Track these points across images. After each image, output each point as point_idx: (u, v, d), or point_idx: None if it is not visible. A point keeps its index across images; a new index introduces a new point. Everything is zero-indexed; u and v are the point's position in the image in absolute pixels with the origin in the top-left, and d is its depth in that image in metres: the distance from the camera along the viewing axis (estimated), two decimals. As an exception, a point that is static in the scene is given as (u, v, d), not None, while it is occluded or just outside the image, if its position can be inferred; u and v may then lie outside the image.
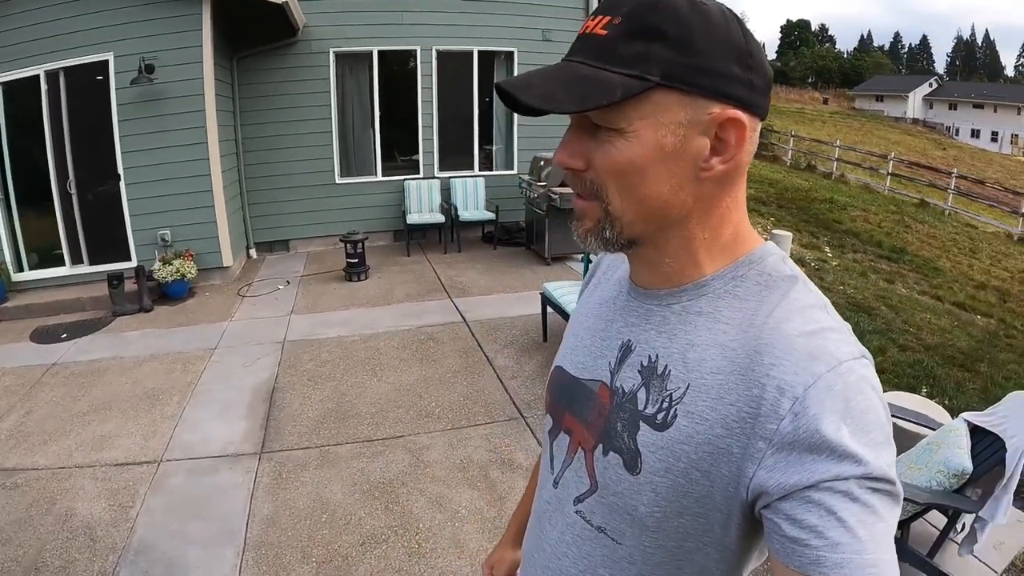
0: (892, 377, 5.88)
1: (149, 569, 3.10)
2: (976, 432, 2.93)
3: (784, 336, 0.77)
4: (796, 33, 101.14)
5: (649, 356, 0.88)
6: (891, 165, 22.48)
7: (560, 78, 0.77)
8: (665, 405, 0.83)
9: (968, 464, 2.71)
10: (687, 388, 0.82)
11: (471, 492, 3.75)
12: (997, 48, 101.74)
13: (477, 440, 4.29)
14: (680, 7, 0.75)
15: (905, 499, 2.64)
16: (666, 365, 0.85)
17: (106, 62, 7.12)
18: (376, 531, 3.40)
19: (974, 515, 2.79)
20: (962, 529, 2.98)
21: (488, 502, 3.66)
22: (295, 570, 3.11)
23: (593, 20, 0.79)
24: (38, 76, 7.07)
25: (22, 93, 7.16)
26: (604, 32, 0.77)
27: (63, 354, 5.78)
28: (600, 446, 0.91)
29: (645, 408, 0.85)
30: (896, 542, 2.86)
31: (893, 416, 3.26)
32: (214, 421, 4.56)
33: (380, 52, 9.51)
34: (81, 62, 7.12)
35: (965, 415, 3.05)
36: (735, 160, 0.79)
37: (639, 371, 0.88)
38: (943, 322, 8.31)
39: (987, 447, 2.83)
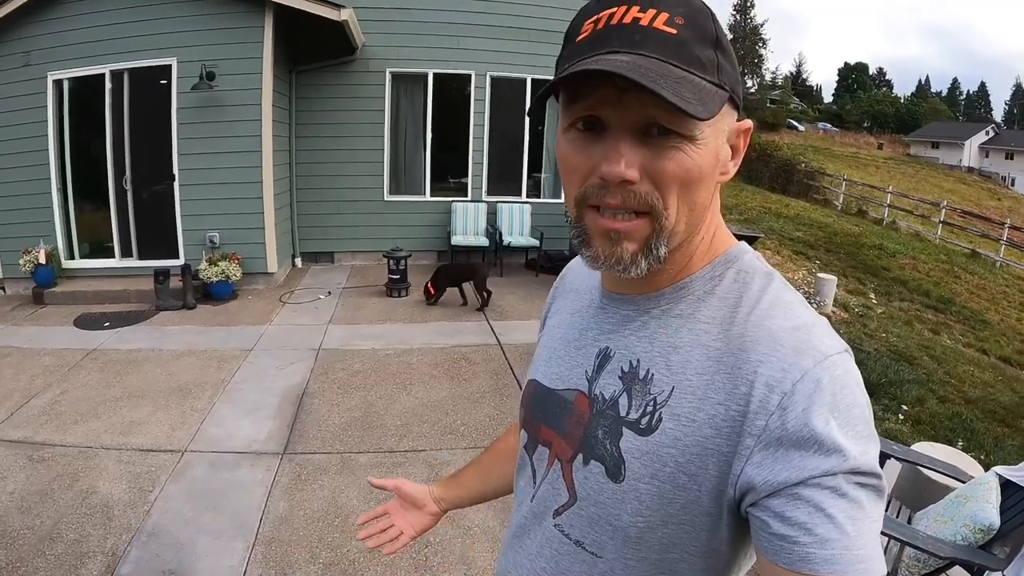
0: (928, 428, 5.71)
1: (160, 552, 3.13)
2: (1008, 487, 2.81)
3: (769, 332, 0.76)
4: (853, 76, 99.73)
5: (630, 361, 0.86)
6: (943, 213, 21.94)
7: (668, 76, 0.70)
8: (649, 409, 0.82)
9: (996, 519, 2.61)
10: (672, 391, 0.80)
11: (486, 511, 3.71)
12: None
13: (498, 460, 4.26)
14: (717, 15, 0.77)
15: (928, 553, 2.56)
16: (648, 369, 0.84)
17: (169, 67, 7.40)
18: (386, 539, 3.38)
19: (1000, 574, 2.68)
20: None
21: (501, 522, 3.62)
22: (301, 569, 3.11)
23: (638, 10, 0.73)
24: (104, 75, 7.37)
25: (87, 89, 7.48)
26: (672, 30, 0.72)
27: (104, 341, 5.93)
28: (580, 456, 0.89)
29: (628, 414, 0.84)
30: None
31: (922, 466, 3.17)
32: (242, 419, 4.62)
33: (435, 75, 9.64)
34: (146, 64, 7.42)
35: (997, 468, 2.93)
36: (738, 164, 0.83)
37: (620, 377, 0.87)
38: (987, 376, 8.07)
39: (1018, 503, 2.72)
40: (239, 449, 4.21)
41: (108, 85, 7.40)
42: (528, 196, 10.39)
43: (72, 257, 7.76)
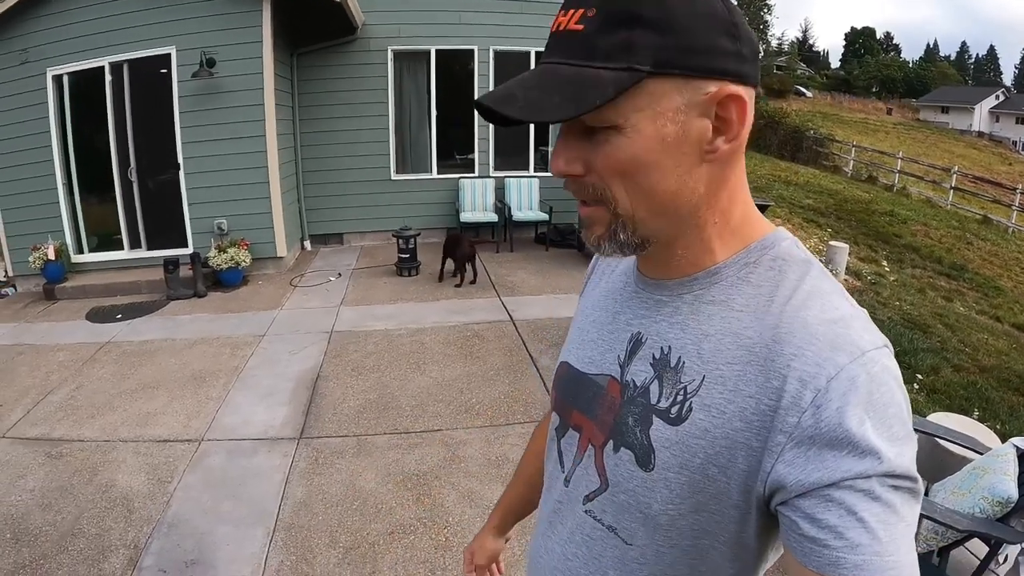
0: (943, 398, 5.67)
1: (180, 542, 3.15)
2: (1023, 459, 2.79)
3: (804, 324, 0.73)
4: (860, 41, 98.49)
5: (661, 348, 0.84)
6: (954, 179, 21.66)
7: (543, 84, 0.73)
8: (679, 398, 0.80)
9: (1014, 492, 2.57)
10: (702, 380, 0.78)
11: (501, 488, 3.71)
12: None
13: (514, 439, 4.26)
14: None
15: (945, 525, 2.53)
16: (679, 357, 0.81)
17: (169, 55, 7.35)
18: (405, 522, 3.39)
19: (1019, 547, 2.65)
20: (1004, 561, 2.83)
21: (519, 499, 3.62)
22: (322, 554, 3.11)
23: (564, 15, 0.74)
24: (103, 67, 7.33)
25: (87, 83, 7.45)
26: (579, 27, 0.72)
27: (116, 333, 5.94)
28: (611, 442, 0.88)
29: (658, 402, 0.82)
30: (934, 569, 2.75)
31: (939, 437, 3.13)
32: (257, 405, 4.62)
33: (438, 51, 9.57)
34: (145, 55, 7.37)
35: (1015, 440, 2.89)
36: (740, 138, 0.75)
37: (651, 364, 0.85)
38: (1001, 344, 8.00)
39: None
40: (255, 436, 4.21)
41: (108, 77, 7.36)
42: (536, 170, 10.33)
43: (81, 251, 7.77)
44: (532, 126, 9.98)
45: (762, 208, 10.99)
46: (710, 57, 0.71)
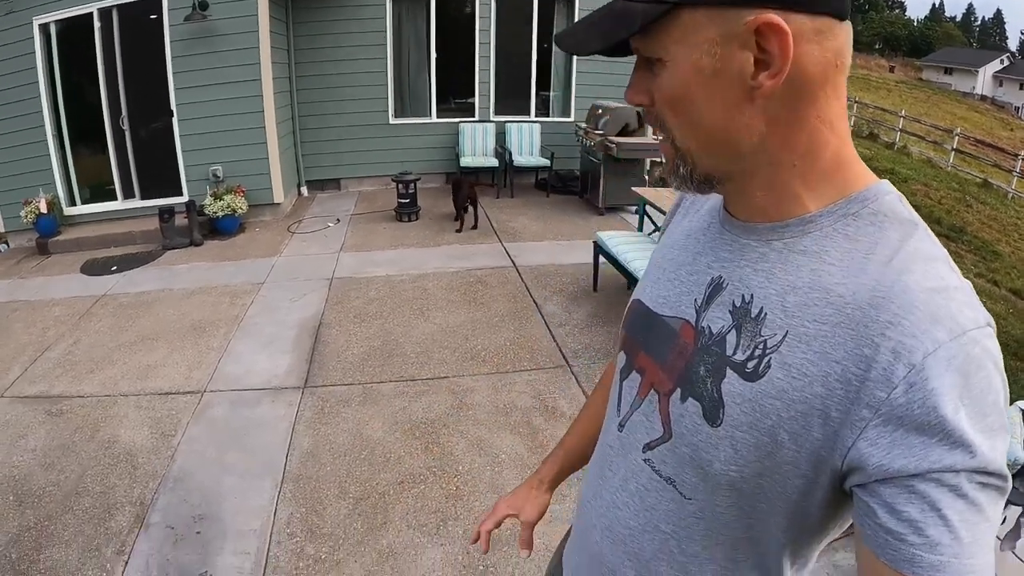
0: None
1: (187, 497, 3.09)
2: None
3: (904, 290, 0.66)
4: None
5: (743, 295, 0.79)
6: (956, 141, 21.63)
7: (594, 19, 0.74)
8: (758, 353, 0.74)
9: (1020, 454, 2.53)
10: (785, 336, 0.72)
11: (512, 437, 3.67)
12: None
13: (521, 386, 4.20)
14: None
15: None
16: (762, 307, 0.76)
17: None
18: (415, 471, 3.34)
19: (1020, 508, 2.61)
20: (1003, 522, 2.79)
21: (529, 448, 3.57)
22: (332, 505, 3.07)
23: None
24: (91, 14, 7.06)
25: (75, 31, 7.17)
26: None
27: (112, 286, 5.83)
28: (678, 390, 0.83)
29: (734, 354, 0.77)
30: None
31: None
32: (259, 354, 4.55)
33: (438, -9, 9.30)
34: None
35: (1021, 403, 2.85)
36: (784, 72, 0.67)
37: (730, 311, 0.79)
38: (998, 308, 8.01)
39: None
40: (259, 385, 4.15)
41: (97, 24, 7.09)
42: (537, 115, 10.17)
43: (74, 203, 7.59)
44: (533, 71, 9.95)
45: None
46: None
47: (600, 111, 8.39)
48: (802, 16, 0.66)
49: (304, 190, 9.35)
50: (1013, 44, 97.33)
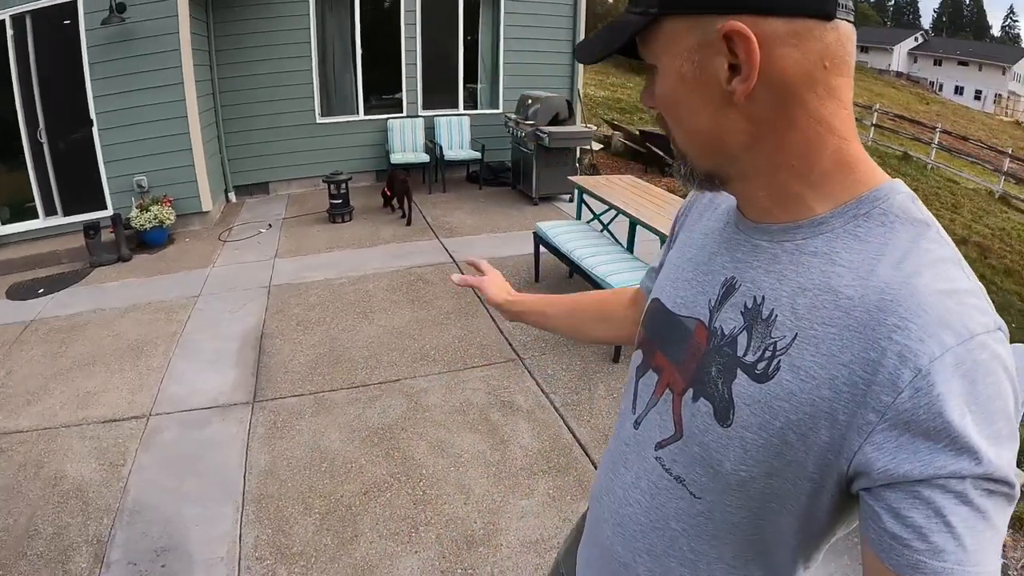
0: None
1: (146, 530, 2.98)
2: None
3: (913, 292, 0.66)
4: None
5: (754, 297, 0.80)
6: (875, 116, 22.35)
7: (604, 30, 0.80)
8: (768, 354, 0.75)
9: None
10: (794, 338, 0.73)
11: (472, 436, 3.66)
12: (984, 7, 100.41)
13: (475, 382, 4.20)
14: None
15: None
16: (772, 309, 0.77)
17: (75, 3, 6.70)
18: (378, 479, 3.31)
19: None
20: None
21: (491, 446, 3.58)
22: (298, 523, 3.01)
23: None
24: (3, 21, 6.67)
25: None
26: None
27: (41, 309, 5.57)
28: (690, 390, 0.85)
29: (745, 355, 0.78)
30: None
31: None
32: (202, 371, 4.42)
33: (362, -16, 9.14)
34: (48, 4, 6.69)
35: None
36: (753, 77, 0.69)
37: (742, 312, 0.81)
38: None
39: None
40: (206, 404, 4.03)
41: (9, 32, 6.67)
42: (465, 108, 10.12)
43: (-8, 224, 7.23)
44: (460, 64, 9.94)
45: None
46: None
47: (530, 101, 8.40)
48: (775, 20, 0.67)
49: (232, 196, 9.07)
50: (927, 22, 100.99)
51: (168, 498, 3.20)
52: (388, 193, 8.03)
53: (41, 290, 6.00)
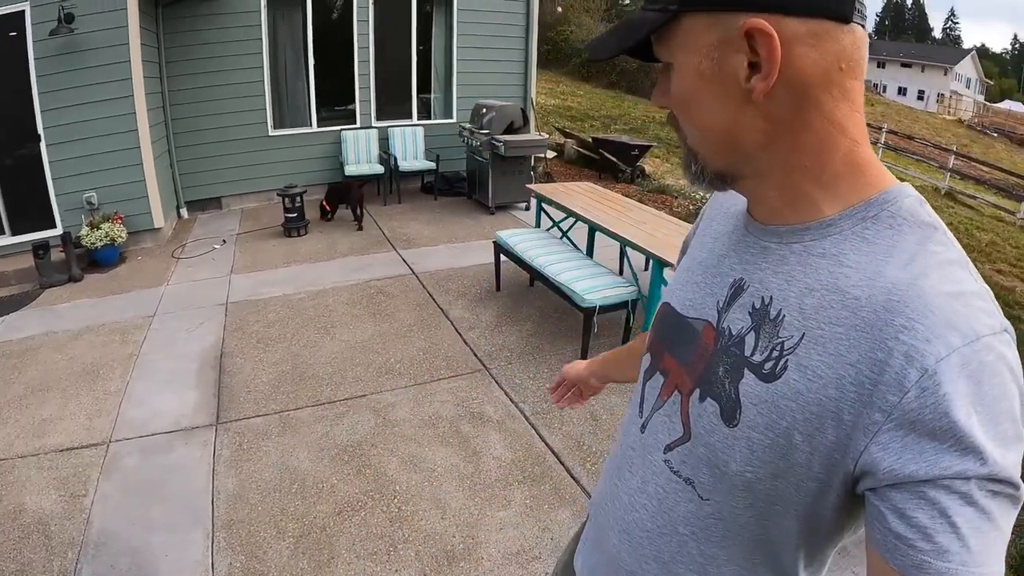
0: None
1: (113, 562, 2.88)
2: None
3: (920, 294, 0.66)
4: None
5: (762, 297, 0.80)
6: None
7: (618, 27, 0.80)
8: (775, 354, 0.76)
9: None
10: (802, 338, 0.74)
11: (444, 449, 3.64)
12: (926, 10, 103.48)
13: (443, 395, 4.17)
14: None
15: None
16: (780, 309, 0.77)
17: (22, 13, 6.49)
18: (352, 498, 3.26)
19: None
20: None
21: (463, 458, 3.55)
22: (272, 547, 2.95)
23: None
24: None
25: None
26: None
27: (-10, 334, 5.40)
28: (697, 390, 0.86)
29: (752, 355, 0.79)
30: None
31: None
32: (162, 393, 4.31)
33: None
34: None
35: None
36: (773, 75, 0.69)
37: (749, 313, 0.82)
38: None
39: None
40: (168, 428, 3.93)
41: (-45, 43, 6.51)
42: (419, 119, 10.09)
43: (-66, 247, 6.96)
44: (414, 74, 9.91)
45: (644, 149, 11.25)
46: None
47: (484, 110, 8.40)
48: (795, 20, 0.68)
49: (184, 212, 8.86)
50: (870, 26, 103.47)
51: (134, 527, 3.10)
52: (327, 207, 8.22)
53: (-12, 314, 5.81)
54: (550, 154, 9.91)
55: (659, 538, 0.92)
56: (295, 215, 7.68)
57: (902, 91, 55.68)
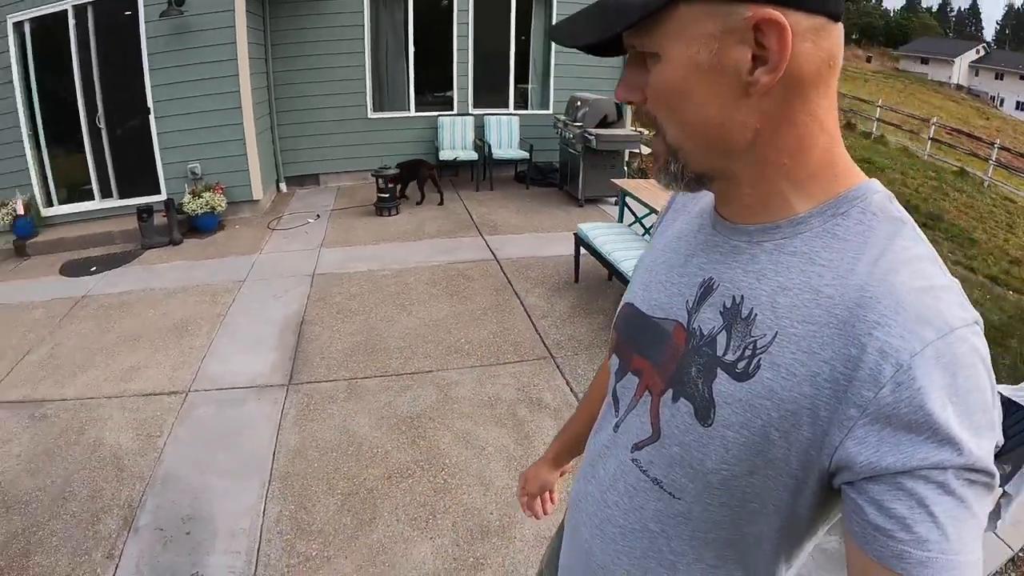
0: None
1: (176, 499, 3.09)
2: (1009, 406, 2.76)
3: (891, 290, 0.67)
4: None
5: (733, 297, 0.79)
6: (933, 130, 21.79)
7: (590, 12, 0.75)
8: (748, 353, 0.75)
9: (1000, 437, 2.57)
10: (774, 336, 0.73)
11: (498, 430, 3.69)
12: None
13: (506, 378, 4.23)
14: None
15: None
16: (752, 308, 0.77)
17: None
18: (402, 465, 3.36)
19: (1000, 490, 2.65)
20: None
21: (515, 440, 3.60)
22: (320, 501, 3.08)
23: None
24: (66, 11, 6.94)
25: (51, 29, 7.03)
26: None
27: (92, 287, 5.79)
28: (670, 391, 0.85)
29: (725, 354, 0.78)
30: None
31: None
32: (242, 353, 4.55)
33: (416, -16, 9.25)
34: None
35: (998, 387, 2.87)
36: (781, 69, 0.67)
37: (721, 312, 0.80)
38: (975, 294, 8.07)
39: (1019, 422, 2.67)
40: (243, 384, 4.15)
41: (72, 21, 6.97)
42: (516, 108, 10.13)
43: (51, 204, 7.46)
44: (512, 64, 9.90)
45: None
46: None
47: (579, 103, 8.39)
48: (799, 14, 0.66)
49: (283, 186, 9.27)
50: (989, 34, 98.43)
51: (199, 470, 3.31)
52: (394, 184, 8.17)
53: (94, 268, 6.22)
54: (645, 150, 9.81)
55: (630, 534, 0.93)
56: (388, 195, 7.88)
57: (1020, 106, 51.94)
